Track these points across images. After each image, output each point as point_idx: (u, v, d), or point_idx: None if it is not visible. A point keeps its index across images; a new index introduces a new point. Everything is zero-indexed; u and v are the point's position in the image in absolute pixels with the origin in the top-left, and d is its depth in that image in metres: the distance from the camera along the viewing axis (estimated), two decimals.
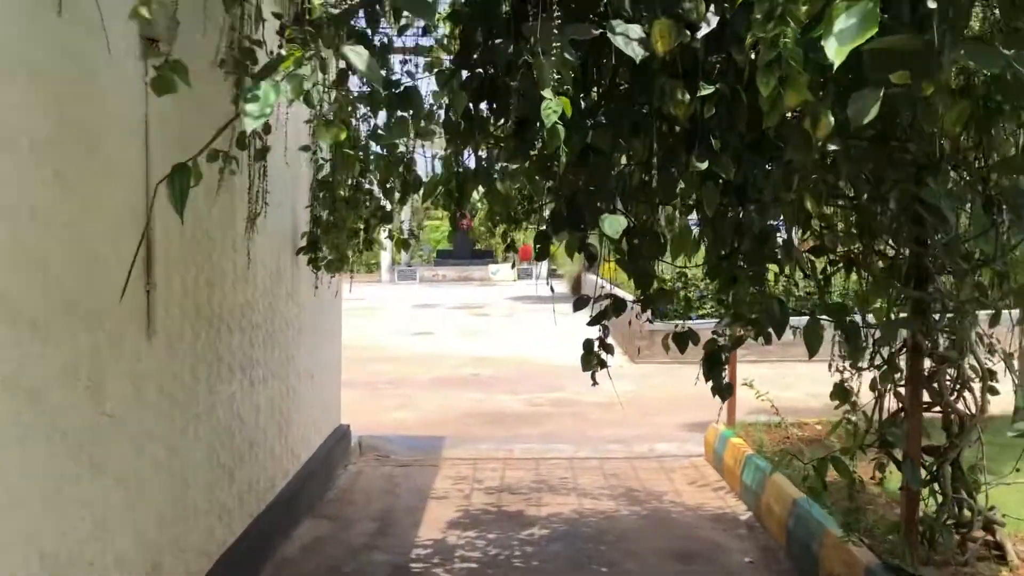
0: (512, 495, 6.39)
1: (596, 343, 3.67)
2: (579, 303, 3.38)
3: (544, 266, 33.90)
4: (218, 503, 4.16)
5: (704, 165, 2.38)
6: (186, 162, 2.41)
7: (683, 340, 3.69)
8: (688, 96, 2.42)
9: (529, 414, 9.40)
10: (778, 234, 3.13)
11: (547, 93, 2.29)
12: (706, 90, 2.39)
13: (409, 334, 16.25)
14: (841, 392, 3.73)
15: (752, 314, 3.36)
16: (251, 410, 4.68)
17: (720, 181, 2.46)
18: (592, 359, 3.45)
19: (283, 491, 5.34)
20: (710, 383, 3.59)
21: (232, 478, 4.37)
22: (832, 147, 2.48)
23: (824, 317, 3.32)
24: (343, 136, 2.64)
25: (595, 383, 3.61)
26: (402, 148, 4.07)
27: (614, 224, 2.45)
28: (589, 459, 7.47)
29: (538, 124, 2.37)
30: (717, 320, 3.80)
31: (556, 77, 2.30)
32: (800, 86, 2.01)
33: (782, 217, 3.01)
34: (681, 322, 3.87)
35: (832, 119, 2.11)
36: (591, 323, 3.35)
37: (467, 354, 13.73)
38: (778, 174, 2.58)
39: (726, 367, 3.68)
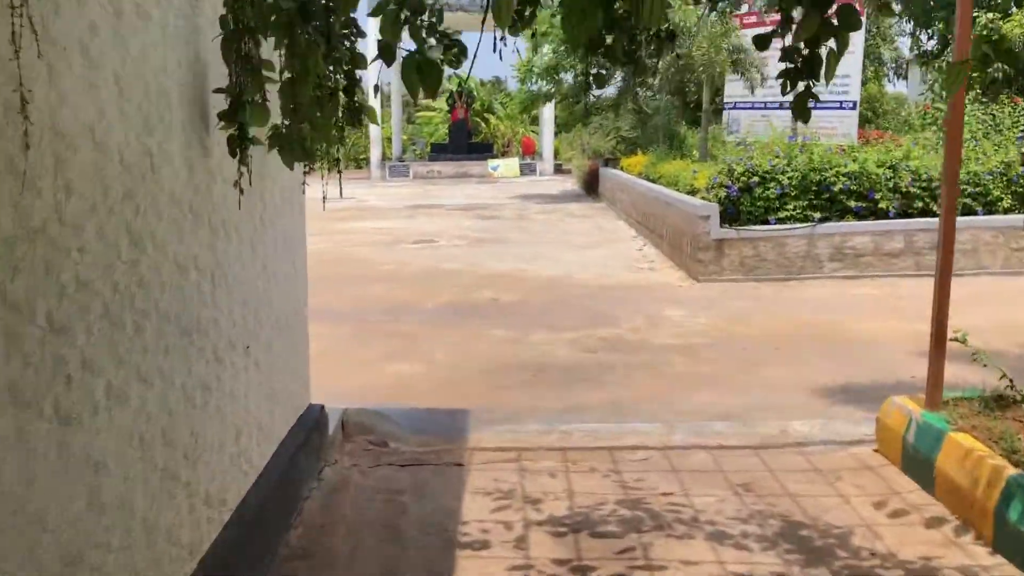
0: (596, 540, 3.80)
1: None
2: None
3: (549, 160, 30.76)
4: None
5: None
6: None
7: None
8: None
9: (582, 364, 6.76)
10: None
11: None
12: None
13: (406, 243, 13.50)
14: None
15: None
16: (68, 488, 2.00)
17: None
18: None
19: None
20: None
21: None
22: None
23: None
24: None
25: None
26: None
27: None
28: (693, 449, 4.87)
29: None
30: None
31: None
32: None
33: None
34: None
35: None
36: None
37: (480, 270, 11.04)
38: None
39: None
